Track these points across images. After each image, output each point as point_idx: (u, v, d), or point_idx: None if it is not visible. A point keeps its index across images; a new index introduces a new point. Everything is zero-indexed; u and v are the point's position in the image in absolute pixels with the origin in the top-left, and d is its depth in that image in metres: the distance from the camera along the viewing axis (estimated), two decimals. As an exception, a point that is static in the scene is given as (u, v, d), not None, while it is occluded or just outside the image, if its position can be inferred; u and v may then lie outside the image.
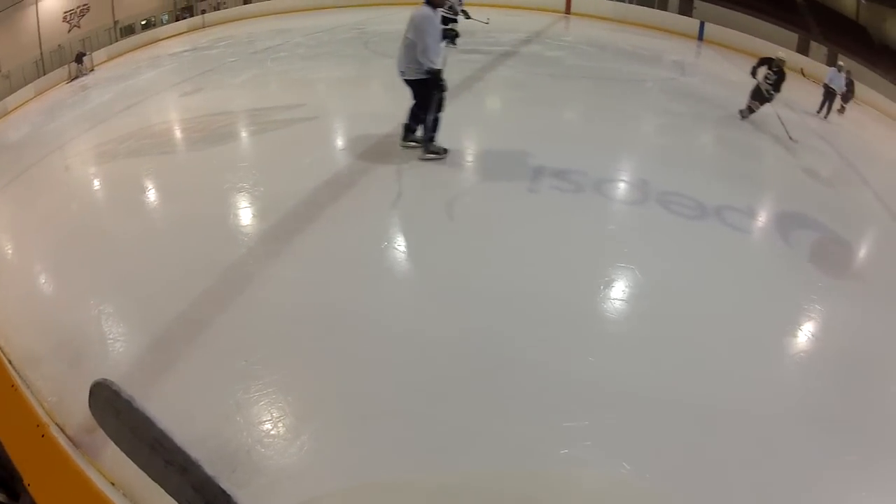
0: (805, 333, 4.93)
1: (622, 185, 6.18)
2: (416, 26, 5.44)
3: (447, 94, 5.86)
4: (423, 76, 5.58)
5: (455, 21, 10.61)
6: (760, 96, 9.69)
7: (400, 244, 4.76)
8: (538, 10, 15.89)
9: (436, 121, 5.79)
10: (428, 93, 5.69)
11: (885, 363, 5.00)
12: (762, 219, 6.69)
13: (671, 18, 17.44)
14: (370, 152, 6.27)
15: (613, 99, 8.94)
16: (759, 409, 3.82)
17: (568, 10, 16.43)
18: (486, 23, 11.72)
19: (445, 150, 5.96)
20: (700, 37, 17.00)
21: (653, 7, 18.25)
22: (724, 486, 3.18)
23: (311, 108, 7.88)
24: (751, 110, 9.70)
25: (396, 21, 11.51)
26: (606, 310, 4.26)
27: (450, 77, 8.22)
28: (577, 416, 3.23)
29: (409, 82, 5.71)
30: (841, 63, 12.86)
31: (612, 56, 11.87)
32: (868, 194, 9.89)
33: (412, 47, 5.49)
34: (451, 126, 6.49)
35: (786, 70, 9.57)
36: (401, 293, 4.13)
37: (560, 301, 4.15)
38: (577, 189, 5.80)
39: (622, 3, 17.76)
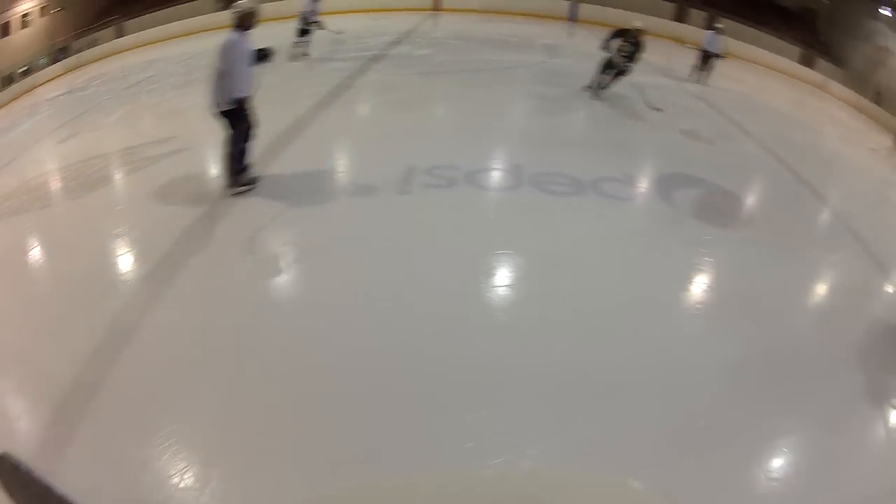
0: (699, 285, 5.33)
1: (496, 174, 6.31)
2: (222, 54, 5.17)
3: (255, 125, 5.54)
4: (232, 106, 5.28)
5: (309, 32, 10.60)
6: (615, 69, 9.72)
7: (278, 271, 4.62)
8: (407, 9, 16.05)
9: (242, 152, 5.51)
10: (237, 123, 5.39)
11: (779, 300, 5.53)
12: (642, 185, 7.04)
13: (544, 3, 17.95)
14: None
15: (483, 90, 9.13)
16: (667, 365, 4.08)
17: (437, 7, 16.62)
18: (340, 34, 11.74)
19: (254, 181, 5.66)
20: (573, 18, 17.45)
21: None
22: (652, 447, 3.42)
23: (183, 139, 7.69)
24: (601, 86, 9.80)
25: (280, 36, 11.45)
26: (494, 297, 4.40)
27: (318, 88, 8.23)
28: (478, 407, 3.35)
29: (222, 115, 5.37)
30: (719, 25, 13.74)
31: (481, 48, 12.18)
32: (751, 145, 10.53)
33: (221, 77, 5.21)
34: (320, 139, 6.56)
35: (642, 39, 9.63)
36: (285, 319, 4.04)
37: (445, 295, 4.24)
38: (449, 184, 5.87)
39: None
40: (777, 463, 3.73)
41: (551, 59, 12.59)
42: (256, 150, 5.87)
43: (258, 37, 5.48)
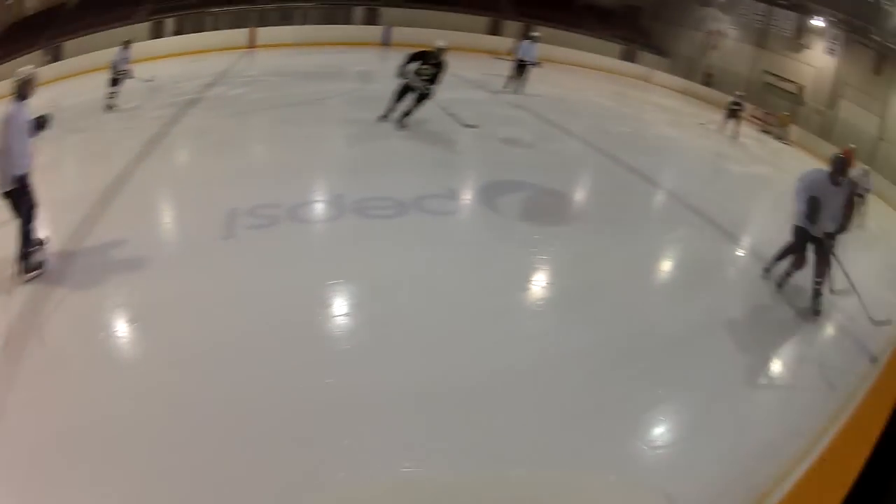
0: (538, 283, 5.87)
1: (318, 206, 6.57)
2: (1, 128, 4.82)
3: (35, 204, 5.14)
4: (14, 186, 4.91)
5: (119, 82, 10.38)
6: (416, 93, 9.37)
7: (115, 331, 4.33)
8: (222, 49, 15.90)
9: (28, 233, 5.15)
10: (20, 204, 5.00)
11: (627, 281, 6.16)
12: (466, 197, 7.60)
13: (356, 31, 18.55)
14: (67, 240, 5.75)
15: (299, 124, 9.38)
16: (524, 362, 4.46)
17: (252, 45, 16.58)
18: (150, 81, 11.60)
19: (41, 264, 5.25)
20: (386, 42, 18.01)
21: (337, 23, 18.98)
22: (530, 440, 3.72)
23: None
24: (405, 113, 9.50)
25: (92, 89, 11.08)
26: (333, 329, 4.59)
27: (134, 141, 8.07)
28: (341, 434, 3.51)
29: (4, 196, 4.99)
30: (535, 34, 14.75)
31: (296, 81, 12.46)
32: (573, 143, 11.29)
33: (1, 154, 4.86)
34: (140, 193, 6.41)
35: (445, 59, 9.34)
36: (132, 379, 3.84)
37: (287, 332, 4.35)
38: (272, 222, 5.99)
39: (305, 26, 18.28)
40: (658, 432, 4.17)
41: (365, 85, 13.13)
42: (75, 215, 5.74)
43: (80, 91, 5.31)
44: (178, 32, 16.61)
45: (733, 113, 17.61)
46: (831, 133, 20.97)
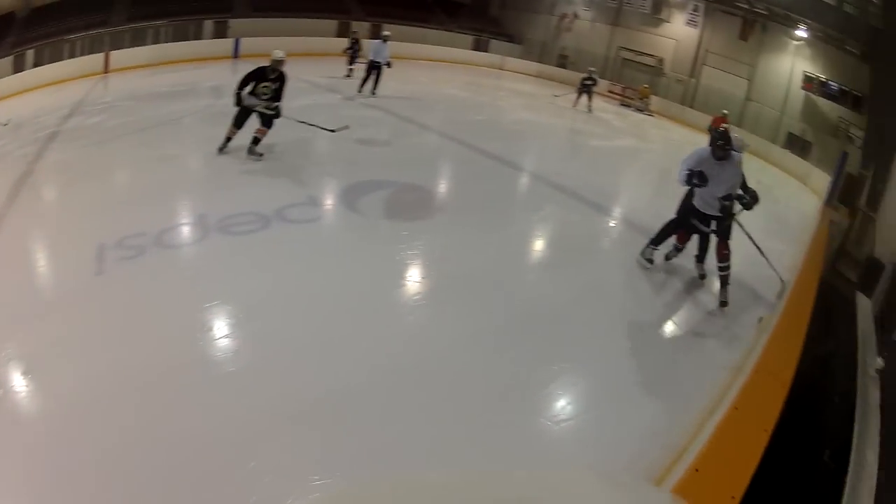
0: (412, 278, 6.05)
1: (182, 229, 6.55)
2: None
3: None
4: None
5: None
6: (261, 117, 8.84)
7: (12, 386, 4.03)
8: (80, 77, 15.27)
9: None
10: None
11: (502, 265, 6.54)
12: (328, 202, 7.87)
13: (207, 45, 18.28)
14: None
15: (156, 147, 9.28)
16: (413, 361, 4.65)
17: (107, 70, 16.06)
18: (5, 125, 11.16)
19: None
20: (236, 55, 17.91)
21: (189, 39, 18.65)
22: (441, 433, 3.93)
23: None
24: (255, 142, 8.85)
25: None
26: (217, 353, 4.55)
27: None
28: (244, 459, 3.49)
29: None
30: (385, 33, 14.91)
31: (150, 103, 12.21)
32: (430, 137, 11.64)
33: None
34: (8, 240, 6.09)
35: (284, 71, 8.91)
36: (34, 433, 3.66)
37: (167, 364, 4.26)
38: (140, 252, 5.91)
39: (158, 45, 17.85)
40: (560, 405, 4.40)
41: (218, 100, 13.04)
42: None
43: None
44: (37, 64, 15.92)
45: (586, 88, 18.71)
46: (694, 100, 22.55)
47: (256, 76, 8.70)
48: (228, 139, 8.88)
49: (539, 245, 7.66)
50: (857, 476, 3.90)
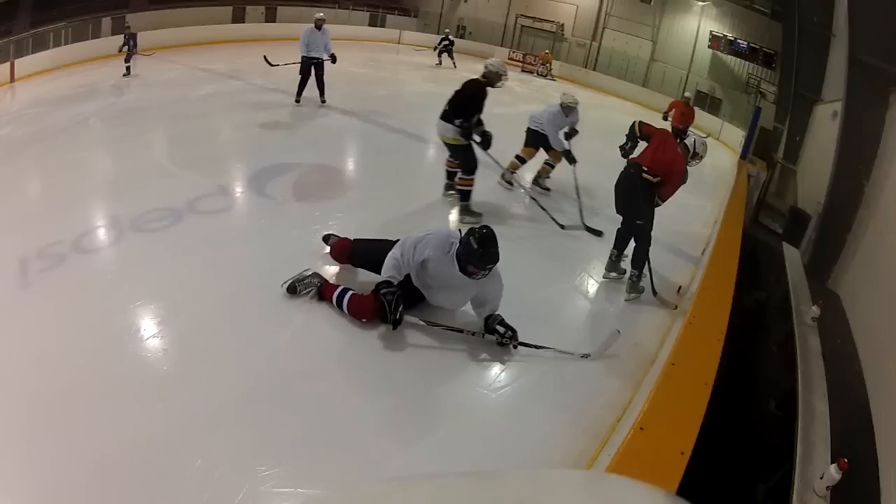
0: (329, 260, 5.94)
1: (99, 232, 6.49)
2: None
3: None
4: None
5: None
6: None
7: None
8: None
9: None
10: None
11: None
12: (238, 190, 7.87)
13: (105, 43, 17.55)
14: None
15: (64, 152, 9.01)
16: (340, 342, 4.73)
17: (12, 79, 15.40)
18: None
19: None
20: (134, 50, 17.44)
21: (86, 39, 17.97)
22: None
23: None
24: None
25: None
26: (146, 356, 4.50)
27: None
28: (188, 458, 3.49)
29: None
30: (320, 15, 12.53)
31: (56, 108, 11.77)
32: (333, 117, 11.77)
33: None
34: None
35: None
36: None
37: (102, 372, 4.21)
38: (60, 261, 5.82)
39: (59, 48, 17.13)
40: (495, 372, 4.53)
41: (120, 98, 12.81)
42: None
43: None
44: (-54, 83, 15.18)
45: (445, 48, 19.80)
46: (597, 63, 23.05)
47: None
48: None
49: (454, 214, 7.76)
50: (808, 426, 3.92)
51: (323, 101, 12.36)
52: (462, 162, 7.35)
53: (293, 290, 5.25)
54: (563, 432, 4.01)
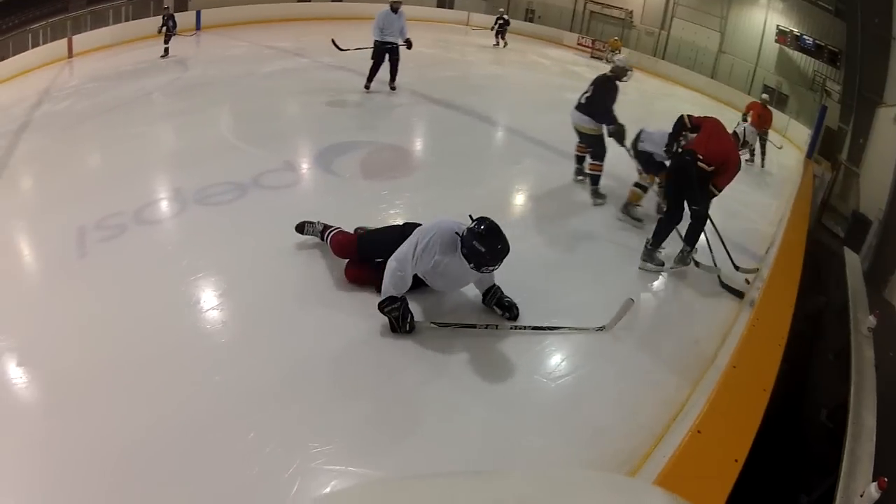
0: None
1: (162, 204, 6.40)
2: None
3: None
4: None
5: None
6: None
7: (8, 377, 3.88)
8: (41, 66, 14.88)
9: None
10: None
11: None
12: (304, 166, 7.67)
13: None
14: None
15: (127, 126, 9.03)
16: None
17: (70, 54, 15.65)
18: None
19: None
20: (198, 27, 17.54)
21: (149, 15, 18.13)
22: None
23: None
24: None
25: None
26: (204, 327, 4.46)
27: None
28: (241, 431, 3.45)
29: None
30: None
31: (117, 83, 11.88)
32: (400, 97, 11.53)
33: None
34: None
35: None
36: (33, 423, 3.57)
37: (160, 341, 4.19)
38: (120, 231, 5.78)
39: (119, 25, 17.36)
40: (555, 361, 4.35)
41: (184, 73, 12.84)
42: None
43: None
44: (2, 58, 15.54)
45: (501, 28, 20.45)
46: (665, 52, 22.43)
47: None
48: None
49: (521, 199, 7.54)
50: (855, 440, 3.74)
51: (392, 88, 11.62)
52: (595, 149, 7.47)
53: (300, 229, 5.45)
54: (617, 427, 3.86)
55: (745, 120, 13.18)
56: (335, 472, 3.23)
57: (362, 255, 4.95)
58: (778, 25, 18.89)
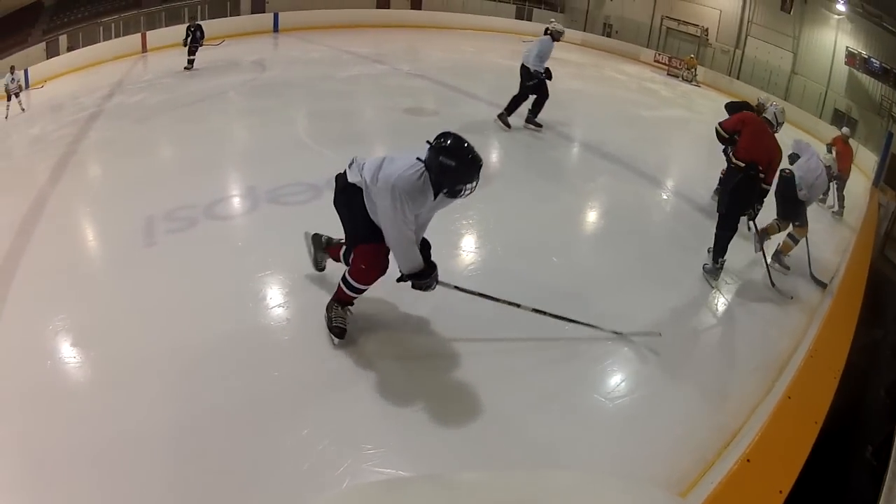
0: (466, 248, 5.92)
1: (233, 201, 6.58)
2: None
3: None
4: None
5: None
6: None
7: (62, 357, 4.05)
8: (116, 58, 15.52)
9: None
10: None
11: (540, 240, 6.26)
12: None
13: (246, 21, 18.31)
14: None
15: (200, 121, 9.36)
16: (480, 324, 4.56)
17: (144, 49, 16.26)
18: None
19: None
20: (275, 28, 17.96)
21: (226, 15, 18.72)
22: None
23: None
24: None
25: None
26: (267, 323, 4.53)
27: (41, 165, 7.77)
28: (295, 427, 3.50)
29: None
30: (556, 25, 11.57)
31: (191, 79, 12.34)
32: (478, 105, 11.41)
33: None
34: (54, 220, 6.21)
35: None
36: (86, 404, 3.66)
37: (222, 333, 4.27)
38: (191, 224, 5.96)
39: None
40: (615, 381, 4.30)
41: (261, 74, 13.14)
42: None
43: None
44: (71, 48, 16.23)
45: None
46: (740, 71, 22.05)
47: None
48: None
49: (593, 216, 7.47)
50: (894, 478, 3.70)
51: (536, 124, 10.59)
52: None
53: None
54: (669, 449, 3.82)
55: (829, 152, 12.84)
56: (386, 474, 3.25)
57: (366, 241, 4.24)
58: (847, 47, 18.39)
